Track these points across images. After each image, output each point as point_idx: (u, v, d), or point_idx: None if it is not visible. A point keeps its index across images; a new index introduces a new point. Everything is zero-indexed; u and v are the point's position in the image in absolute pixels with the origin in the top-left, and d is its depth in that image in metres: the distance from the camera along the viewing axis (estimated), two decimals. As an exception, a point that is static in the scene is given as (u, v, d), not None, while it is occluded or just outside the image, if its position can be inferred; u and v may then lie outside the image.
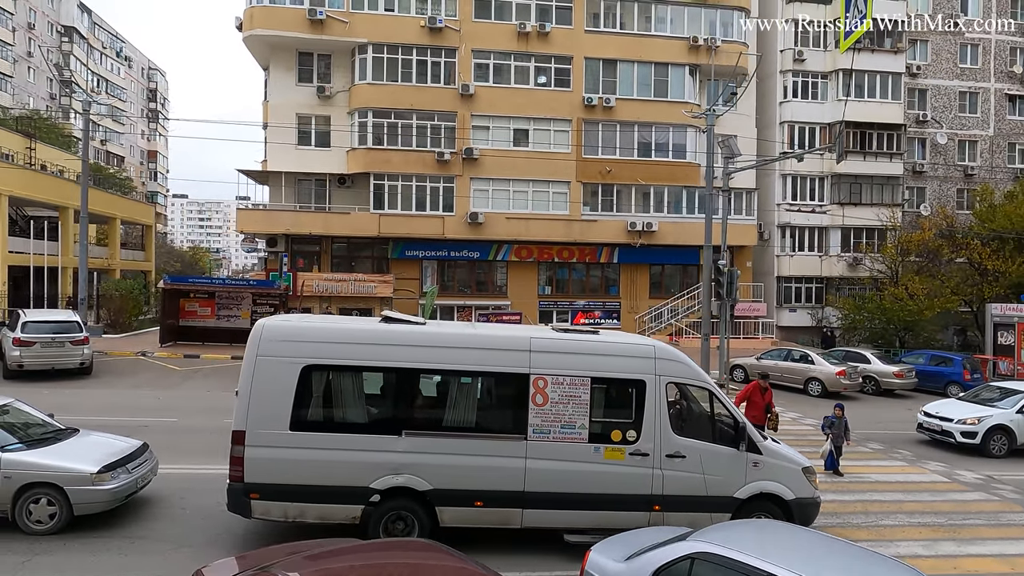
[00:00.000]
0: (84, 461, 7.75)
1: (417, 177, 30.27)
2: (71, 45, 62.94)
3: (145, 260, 45.48)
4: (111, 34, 71.49)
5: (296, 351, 7.35)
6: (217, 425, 13.17)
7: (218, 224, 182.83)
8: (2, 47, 52.73)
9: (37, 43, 58.45)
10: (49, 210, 35.71)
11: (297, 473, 7.23)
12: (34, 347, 16.60)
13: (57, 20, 61.94)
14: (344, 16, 29.23)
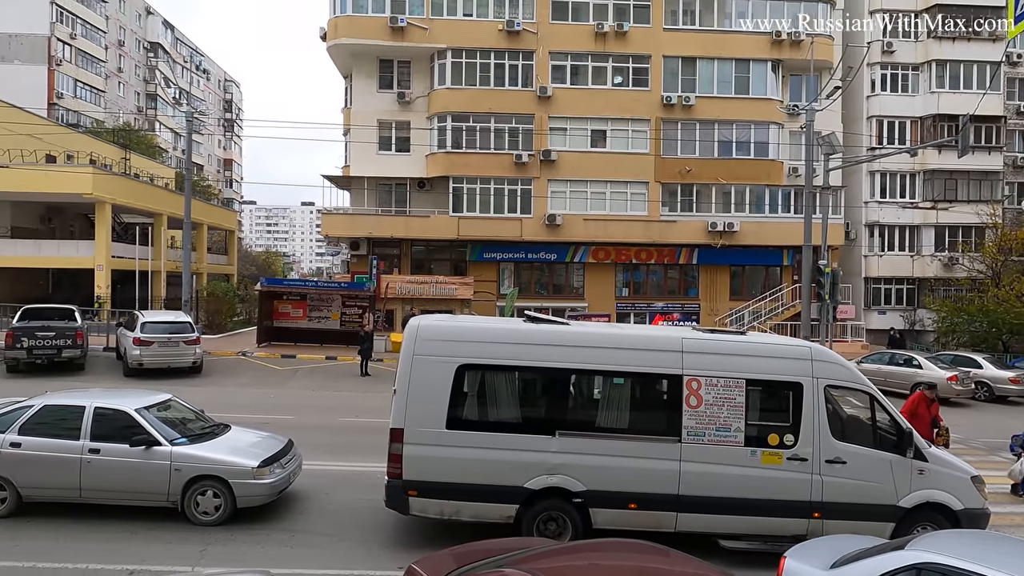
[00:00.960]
0: (244, 456, 8.05)
1: (495, 180, 30.48)
2: (156, 60, 66.19)
3: (228, 264, 47.35)
4: (191, 48, 74.85)
5: (450, 351, 7.45)
6: (333, 423, 13.58)
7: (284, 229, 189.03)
8: (96, 64, 55.84)
9: (127, 59, 61.71)
10: (144, 216, 37.60)
11: (453, 471, 7.32)
12: (152, 347, 17.46)
13: (144, 37, 65.23)
14: (424, 23, 29.71)
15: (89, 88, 55.07)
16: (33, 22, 50.69)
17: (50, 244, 32.62)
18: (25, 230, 33.65)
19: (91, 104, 55.22)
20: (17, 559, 6.82)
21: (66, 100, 52.24)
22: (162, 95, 67.04)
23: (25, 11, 50.27)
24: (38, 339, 17.14)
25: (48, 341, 17.22)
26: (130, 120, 58.18)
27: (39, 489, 7.83)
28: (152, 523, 7.81)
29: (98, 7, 56.42)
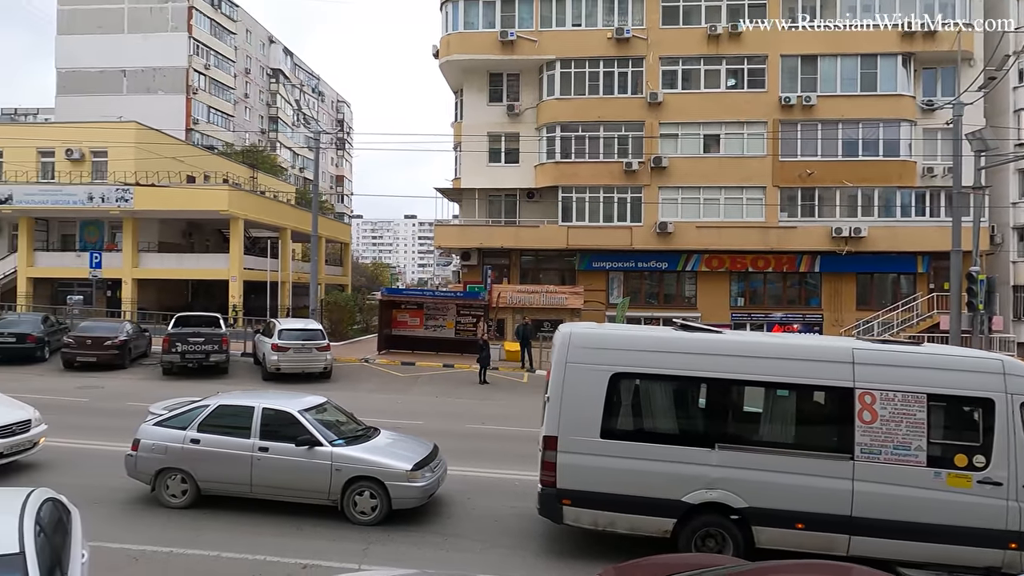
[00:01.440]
0: (398, 459, 8.29)
1: (604, 188, 30.27)
2: (277, 85, 70.81)
3: (343, 275, 49.71)
4: (308, 72, 79.58)
5: (604, 359, 7.35)
6: (461, 430, 13.78)
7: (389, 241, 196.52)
8: (226, 91, 60.44)
9: (252, 85, 66.42)
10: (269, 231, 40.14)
11: (608, 482, 7.19)
12: (288, 352, 18.50)
13: (267, 64, 69.99)
14: (533, 35, 30.04)
15: (220, 113, 59.64)
16: (173, 56, 55.57)
17: (190, 257, 35.52)
18: (169, 245, 36.81)
19: (221, 128, 59.82)
20: (203, 548, 7.32)
21: (200, 125, 56.80)
22: (282, 117, 71.60)
23: (167, 47, 55.26)
24: (190, 344, 18.59)
25: (198, 346, 18.65)
26: (255, 141, 62.52)
27: (215, 483, 8.40)
28: (315, 520, 8.18)
29: (228, 39, 61.09)
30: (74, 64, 56.22)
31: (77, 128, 35.26)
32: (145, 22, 55.71)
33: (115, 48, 55.79)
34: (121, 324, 21.39)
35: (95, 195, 32.28)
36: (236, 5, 62.79)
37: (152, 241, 35.36)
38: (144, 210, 32.59)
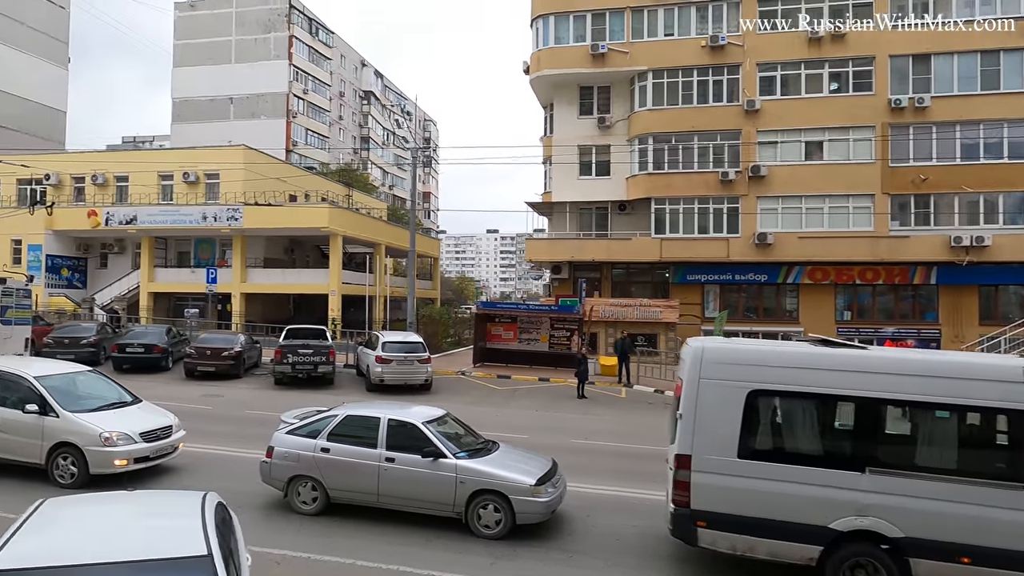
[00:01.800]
0: (521, 473, 8.26)
1: (699, 199, 29.52)
2: (369, 107, 73.62)
3: (432, 289, 50.80)
4: (397, 93, 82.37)
5: (740, 375, 7.05)
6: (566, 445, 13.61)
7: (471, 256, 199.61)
8: (322, 114, 63.39)
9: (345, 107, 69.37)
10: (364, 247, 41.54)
11: (747, 504, 6.87)
12: (392, 364, 18.98)
13: (359, 87, 72.98)
14: (624, 47, 29.83)
15: (316, 135, 62.60)
16: (275, 83, 58.93)
17: (293, 272, 37.26)
18: (273, 260, 38.76)
19: (318, 149, 62.74)
20: (338, 555, 7.52)
21: (299, 147, 59.81)
22: (373, 137, 74.31)
23: (270, 74, 58.67)
24: (300, 356, 19.41)
25: (307, 358, 19.44)
26: (348, 161, 65.16)
27: (343, 491, 8.64)
28: (440, 532, 8.25)
29: (324, 64, 64.18)
30: (187, 94, 60.58)
31: (193, 152, 37.91)
32: (250, 52, 59.40)
33: (223, 77, 59.75)
34: (236, 336, 22.59)
35: (208, 215, 34.48)
36: (332, 32, 65.92)
37: (258, 257, 37.33)
38: (252, 228, 34.51)
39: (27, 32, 48.89)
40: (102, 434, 9.34)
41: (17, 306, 19.14)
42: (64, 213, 36.65)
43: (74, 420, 9.48)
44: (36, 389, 9.64)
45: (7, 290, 18.70)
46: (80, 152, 40.54)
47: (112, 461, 9.32)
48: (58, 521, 4.28)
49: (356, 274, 39.67)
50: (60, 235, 36.89)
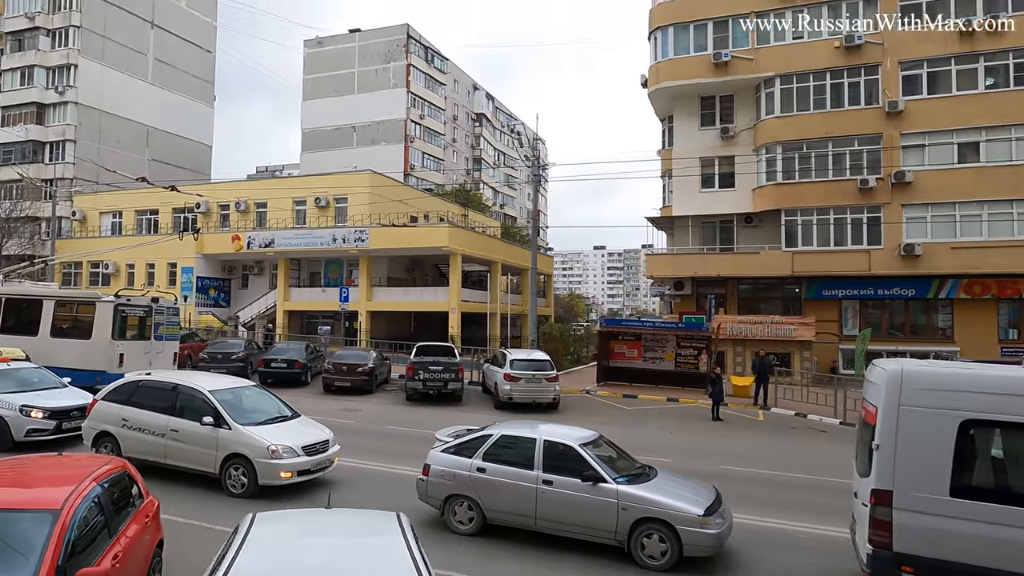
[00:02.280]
0: (687, 501, 7.82)
1: (835, 209, 27.66)
2: (480, 128, 75.45)
3: (546, 306, 50.81)
4: (507, 114, 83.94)
5: (949, 402, 6.29)
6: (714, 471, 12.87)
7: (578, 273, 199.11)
8: (437, 137, 65.60)
9: (459, 130, 71.46)
10: (480, 265, 42.29)
11: (962, 549, 6.08)
12: (520, 382, 18.97)
13: (471, 110, 75.02)
14: (749, 54, 28.67)
15: (432, 158, 64.78)
16: (394, 110, 61.68)
17: (415, 291, 38.49)
18: (396, 280, 40.26)
19: (433, 171, 64.87)
20: (503, 579, 7.40)
21: (416, 170, 62.11)
22: (485, 158, 75.99)
23: (389, 101, 61.53)
24: (430, 373, 19.83)
25: (437, 375, 19.83)
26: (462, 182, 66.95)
27: (500, 512, 8.54)
28: (599, 559, 7.96)
29: (439, 90, 66.50)
30: (315, 124, 64.63)
31: (324, 178, 40.22)
32: (371, 82, 62.58)
33: (347, 108, 63.28)
34: (368, 353, 23.40)
35: (337, 237, 36.36)
36: (445, 58, 68.28)
37: (382, 276, 38.89)
38: (377, 249, 36.01)
39: (181, 76, 54.18)
40: (270, 447, 9.81)
41: (168, 323, 20.55)
42: (211, 238, 39.92)
43: (244, 432, 10.03)
44: (211, 402, 10.31)
45: (159, 308, 19.98)
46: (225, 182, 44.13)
47: (279, 473, 9.76)
48: (277, 539, 4.38)
49: (474, 292, 40.44)
50: (208, 258, 40.16)
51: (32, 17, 46.30)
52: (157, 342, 19.74)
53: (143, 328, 19.36)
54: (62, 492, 4.94)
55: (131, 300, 19.34)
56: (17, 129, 46.22)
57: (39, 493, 5.03)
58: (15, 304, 19.68)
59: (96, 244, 41.97)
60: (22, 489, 5.21)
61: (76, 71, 46.28)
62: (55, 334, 18.63)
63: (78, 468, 5.63)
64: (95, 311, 18.42)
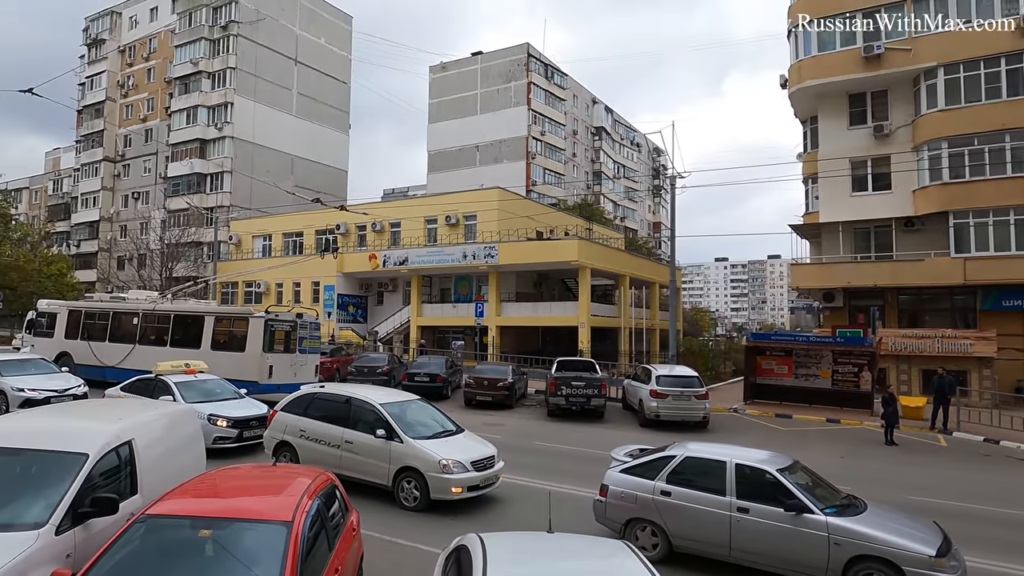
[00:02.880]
0: (913, 539, 6.92)
1: (1015, 210, 24.65)
2: (600, 142, 74.99)
3: (674, 320, 49.21)
4: (626, 126, 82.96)
5: None
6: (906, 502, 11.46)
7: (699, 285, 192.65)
8: (557, 152, 65.84)
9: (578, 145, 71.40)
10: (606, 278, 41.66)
11: None
12: (667, 399, 18.20)
13: (591, 124, 74.78)
14: (906, 44, 26.33)
15: (553, 174, 65.05)
16: (516, 128, 62.61)
17: (544, 305, 38.46)
18: (523, 295, 40.50)
19: (554, 187, 65.08)
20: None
21: (537, 186, 62.54)
22: (605, 172, 75.38)
23: (511, 121, 62.57)
24: (573, 388, 19.51)
25: (580, 390, 19.47)
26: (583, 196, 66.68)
27: (688, 540, 8.00)
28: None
29: (559, 105, 66.84)
30: (439, 146, 66.95)
31: (453, 197, 41.34)
32: (493, 102, 63.98)
33: (470, 128, 65.04)
34: (506, 367, 23.36)
35: (468, 253, 37.14)
36: (565, 74, 68.59)
37: (511, 292, 39.24)
38: (506, 264, 36.40)
39: (320, 107, 58.07)
40: (441, 461, 9.84)
41: (310, 337, 21.68)
42: (350, 257, 42.14)
43: (416, 446, 10.14)
44: (382, 415, 10.53)
45: (302, 324, 21.06)
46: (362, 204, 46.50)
47: (450, 488, 9.75)
48: (518, 563, 4.17)
49: (603, 306, 39.87)
50: (348, 276, 42.37)
51: (196, 62, 51.44)
52: (301, 355, 20.91)
53: (288, 342, 20.57)
54: (289, 503, 5.01)
55: (278, 316, 20.58)
56: (184, 163, 51.36)
57: (270, 503, 5.13)
58: (182, 320, 21.73)
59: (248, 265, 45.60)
60: (255, 498, 5.36)
61: (232, 108, 50.81)
62: (214, 347, 20.20)
63: (295, 480, 5.75)
64: (248, 326, 19.84)
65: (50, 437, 6.10)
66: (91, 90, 59.69)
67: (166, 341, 21.50)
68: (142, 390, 13.82)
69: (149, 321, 22.43)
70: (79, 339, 23.51)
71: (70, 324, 24.19)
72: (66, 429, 6.43)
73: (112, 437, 6.29)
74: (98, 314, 23.86)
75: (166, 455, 7.17)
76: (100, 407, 8.36)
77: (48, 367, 18.27)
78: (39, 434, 6.18)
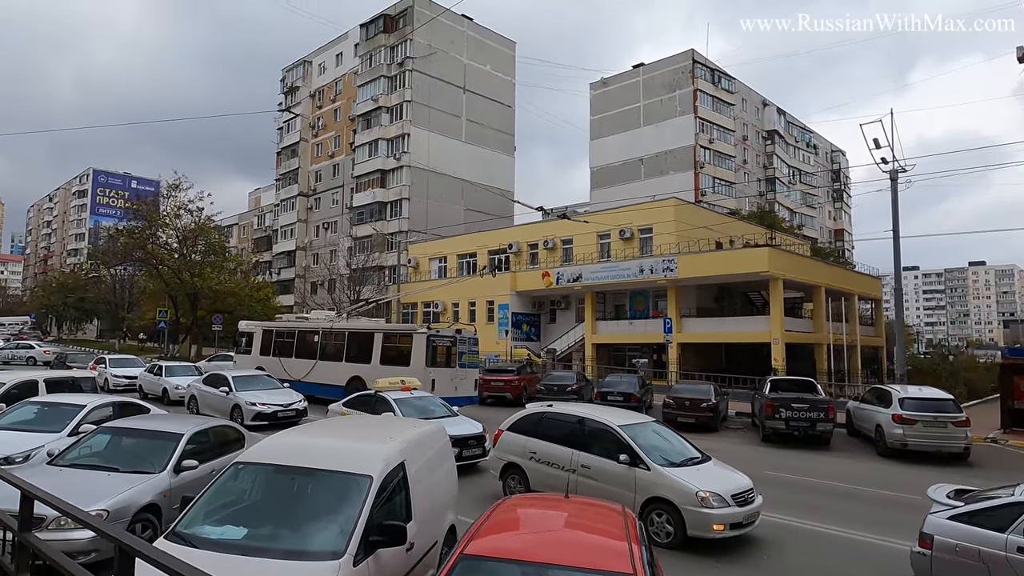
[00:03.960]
0: None
1: None
2: (772, 146, 70.19)
3: (875, 335, 44.07)
4: (800, 128, 77.07)
5: None
6: None
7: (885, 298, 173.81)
8: (727, 160, 62.43)
9: (749, 151, 67.31)
10: (797, 290, 38.13)
11: None
12: (916, 426, 15.61)
13: (761, 127, 70.31)
14: None
15: (723, 182, 61.72)
16: (682, 137, 60.34)
17: (730, 320, 35.93)
18: (703, 310, 38.19)
19: (724, 196, 61.66)
20: None
21: (707, 196, 59.58)
22: (779, 177, 70.35)
23: (676, 130, 60.42)
24: (794, 411, 17.43)
25: (803, 413, 17.34)
26: (756, 205, 62.54)
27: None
28: None
29: (727, 111, 63.53)
30: (602, 162, 66.27)
31: (627, 211, 40.23)
32: (657, 113, 62.24)
33: (633, 141, 63.75)
34: (707, 386, 21.60)
35: (644, 267, 35.74)
36: (732, 78, 65.18)
37: (691, 307, 37.16)
38: (686, 277, 34.50)
39: (487, 131, 59.82)
40: (699, 493, 8.70)
41: (469, 352, 22.41)
42: (523, 275, 42.38)
43: (665, 474, 9.09)
44: (624, 439, 9.61)
45: (462, 339, 21.82)
46: (533, 223, 46.82)
47: (711, 525, 8.58)
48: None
49: (797, 320, 36.58)
50: (521, 295, 42.60)
51: (376, 99, 55.17)
52: (460, 369, 21.68)
53: (449, 356, 21.52)
54: (620, 550, 4.20)
55: (439, 332, 21.64)
56: (367, 193, 55.06)
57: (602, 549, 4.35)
58: (355, 337, 23.13)
59: (423, 286, 47.58)
60: (583, 542, 4.60)
61: (408, 139, 53.75)
62: (383, 362, 21.33)
63: (608, 516, 4.96)
64: (412, 342, 20.88)
65: (335, 457, 5.81)
66: (287, 133, 66.26)
67: (342, 357, 22.97)
68: (364, 406, 14.10)
69: (327, 338, 23.90)
70: (271, 355, 25.51)
71: (264, 342, 26.35)
72: (347, 449, 6.15)
73: (391, 458, 5.92)
74: (286, 333, 25.81)
75: (429, 476, 6.76)
76: (364, 425, 8.24)
77: (272, 383, 19.62)
78: (325, 454, 5.93)
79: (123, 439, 8.67)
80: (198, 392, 19.57)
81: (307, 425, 8.53)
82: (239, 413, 17.63)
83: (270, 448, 6.03)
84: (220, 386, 18.74)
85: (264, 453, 5.91)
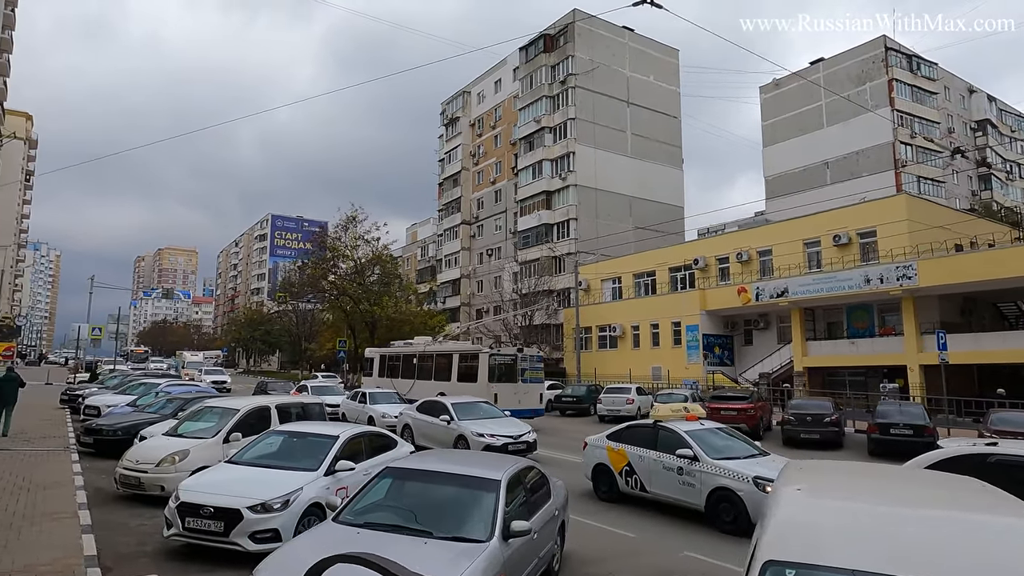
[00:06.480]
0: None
1: None
2: (984, 137, 60.82)
3: None
4: (1017, 116, 66.51)
5: None
6: None
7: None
8: (933, 155, 54.49)
9: (955, 144, 58.57)
10: None
11: None
12: None
13: (969, 117, 61.31)
14: None
15: (931, 182, 53.92)
16: (876, 134, 53.50)
17: (987, 336, 29.67)
18: (947, 324, 32.05)
19: (931, 196, 53.66)
20: None
21: (913, 198, 52.05)
22: (995, 173, 60.64)
23: (868, 127, 53.66)
24: None
25: None
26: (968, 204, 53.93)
27: None
28: None
29: (929, 100, 55.80)
30: (778, 169, 60.59)
31: (840, 213, 35.22)
32: (843, 111, 55.84)
33: (815, 144, 57.67)
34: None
35: (872, 277, 30.62)
36: (932, 63, 57.37)
37: (933, 321, 31.27)
38: (929, 286, 29.03)
39: (652, 145, 56.68)
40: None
41: (531, 368, 24.75)
42: (713, 293, 38.39)
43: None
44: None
45: (523, 357, 24.38)
46: (721, 235, 42.80)
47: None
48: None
49: None
50: (711, 315, 38.57)
51: (539, 120, 54.04)
52: (523, 384, 24.08)
53: (512, 373, 23.92)
54: None
55: (501, 351, 24.71)
56: (532, 216, 53.72)
57: None
58: (441, 358, 26.36)
59: (597, 309, 44.85)
60: None
61: (573, 158, 51.89)
62: (459, 379, 24.37)
63: None
64: (479, 360, 23.64)
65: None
66: (449, 163, 67.14)
67: (431, 375, 26.09)
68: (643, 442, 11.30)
69: (423, 360, 27.47)
70: (385, 376, 29.28)
71: (380, 365, 30.33)
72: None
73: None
74: (395, 357, 29.61)
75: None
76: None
77: (493, 411, 17.68)
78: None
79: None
80: (412, 421, 17.92)
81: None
82: (463, 444, 15.65)
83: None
84: (440, 415, 16.92)
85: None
